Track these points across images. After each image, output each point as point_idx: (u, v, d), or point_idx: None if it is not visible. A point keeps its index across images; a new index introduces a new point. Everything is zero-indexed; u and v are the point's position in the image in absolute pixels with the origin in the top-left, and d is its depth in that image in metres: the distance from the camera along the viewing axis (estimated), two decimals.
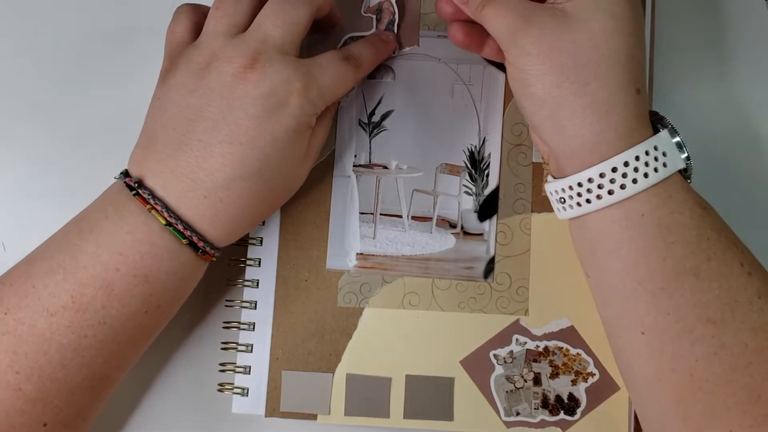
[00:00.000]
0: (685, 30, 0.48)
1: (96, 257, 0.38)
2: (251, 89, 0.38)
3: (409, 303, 0.45)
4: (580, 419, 0.44)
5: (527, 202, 0.45)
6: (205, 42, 0.40)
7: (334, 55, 0.41)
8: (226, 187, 0.38)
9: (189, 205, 0.39)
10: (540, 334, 0.44)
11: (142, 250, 0.38)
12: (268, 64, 0.38)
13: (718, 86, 0.48)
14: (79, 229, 0.39)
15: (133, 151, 0.40)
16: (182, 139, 0.38)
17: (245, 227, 0.41)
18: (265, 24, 0.39)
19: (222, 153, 0.38)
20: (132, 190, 0.38)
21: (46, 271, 0.38)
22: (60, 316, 0.37)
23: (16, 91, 0.48)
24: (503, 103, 0.45)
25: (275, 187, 0.40)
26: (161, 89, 0.40)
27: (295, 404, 0.44)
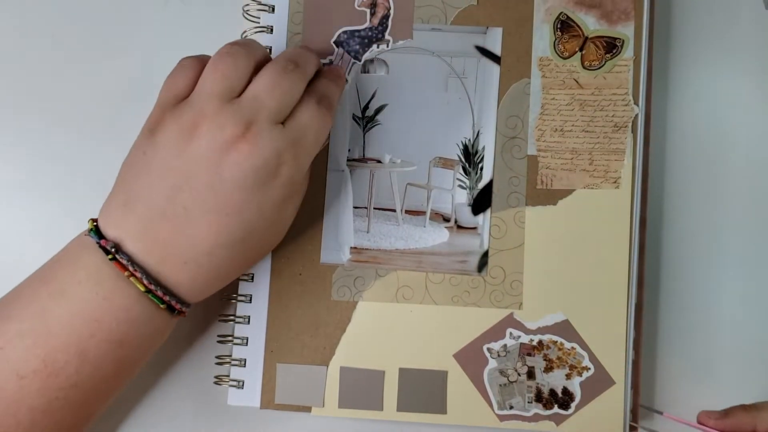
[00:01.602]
0: (685, 30, 0.47)
1: (69, 324, 0.37)
2: (242, 161, 0.37)
3: (402, 297, 0.45)
4: (575, 413, 0.43)
5: (521, 196, 0.45)
6: (198, 102, 0.38)
7: (309, 105, 0.40)
8: (207, 254, 0.38)
9: (168, 270, 0.38)
10: (534, 328, 0.44)
11: (118, 316, 0.38)
12: (260, 136, 0.38)
13: (717, 85, 0.47)
14: (48, 291, 0.38)
15: (109, 207, 0.39)
16: (167, 205, 0.38)
17: (220, 286, 0.41)
18: (261, 94, 0.38)
19: (207, 223, 0.38)
20: (108, 254, 0.38)
21: (16, 333, 0.37)
22: (30, 379, 0.37)
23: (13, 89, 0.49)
24: (497, 96, 0.45)
25: (255, 252, 0.41)
26: (147, 143, 0.39)
27: (290, 397, 0.44)
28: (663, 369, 0.46)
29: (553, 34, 0.45)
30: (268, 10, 0.46)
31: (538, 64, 0.45)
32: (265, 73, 0.39)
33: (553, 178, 0.45)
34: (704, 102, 0.47)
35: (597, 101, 0.45)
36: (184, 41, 0.48)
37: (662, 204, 0.47)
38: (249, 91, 0.38)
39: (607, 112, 0.44)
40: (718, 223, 0.46)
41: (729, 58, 0.47)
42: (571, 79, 0.45)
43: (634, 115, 0.44)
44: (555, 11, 0.45)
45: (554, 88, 0.45)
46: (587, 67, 0.45)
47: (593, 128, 0.45)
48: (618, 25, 0.45)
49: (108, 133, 0.48)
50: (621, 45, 0.45)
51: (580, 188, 0.44)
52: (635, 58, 0.44)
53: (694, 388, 0.46)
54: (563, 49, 0.45)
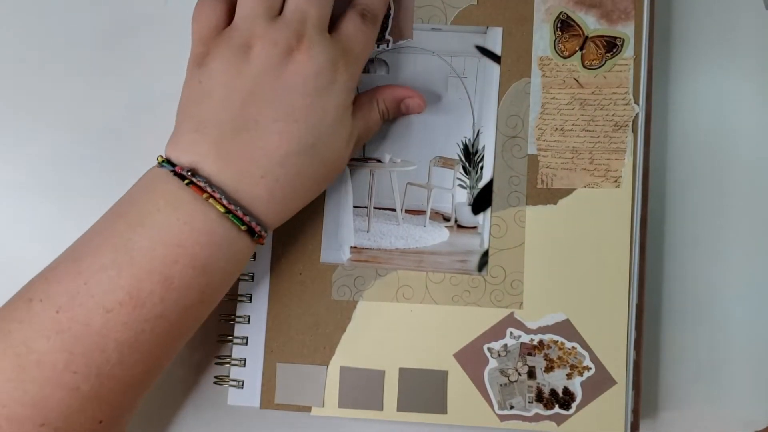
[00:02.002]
0: (685, 28, 0.47)
1: (151, 252, 0.37)
2: (301, 69, 0.39)
3: (402, 296, 0.45)
4: (575, 413, 0.43)
5: (522, 195, 0.45)
6: (245, 25, 0.40)
7: (354, 18, 0.42)
8: (281, 164, 0.39)
9: (246, 187, 0.39)
10: (535, 328, 0.44)
11: (200, 240, 0.38)
12: (312, 45, 0.39)
13: (718, 84, 0.47)
14: (127, 222, 0.38)
15: (177, 138, 0.40)
16: (237, 120, 0.39)
17: (296, 207, 0.41)
18: (301, 4, 0.40)
19: (278, 131, 0.39)
20: (184, 179, 0.38)
21: (98, 268, 0.37)
22: (116, 312, 0.36)
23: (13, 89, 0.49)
24: (498, 95, 0.45)
25: (325, 163, 0.41)
26: (201, 73, 0.40)
27: (290, 396, 0.44)
28: (665, 369, 0.46)
29: (554, 34, 0.45)
30: None
31: (538, 64, 0.45)
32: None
33: (554, 177, 0.44)
34: (705, 101, 0.47)
35: (597, 100, 0.45)
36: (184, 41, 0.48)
37: (663, 203, 0.46)
38: (288, 5, 0.40)
39: (608, 111, 0.44)
40: (720, 221, 0.46)
41: (729, 57, 0.47)
42: (572, 78, 0.45)
43: (634, 115, 0.44)
44: (555, 11, 0.45)
45: (554, 88, 0.45)
46: (587, 66, 0.45)
47: (594, 127, 0.44)
48: (618, 24, 0.45)
49: (108, 132, 0.48)
50: (621, 44, 0.45)
51: (580, 187, 0.44)
52: (635, 57, 0.44)
53: (696, 388, 0.45)
54: (563, 49, 0.45)
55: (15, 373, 0.36)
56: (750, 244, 0.46)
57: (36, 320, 0.36)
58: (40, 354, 0.36)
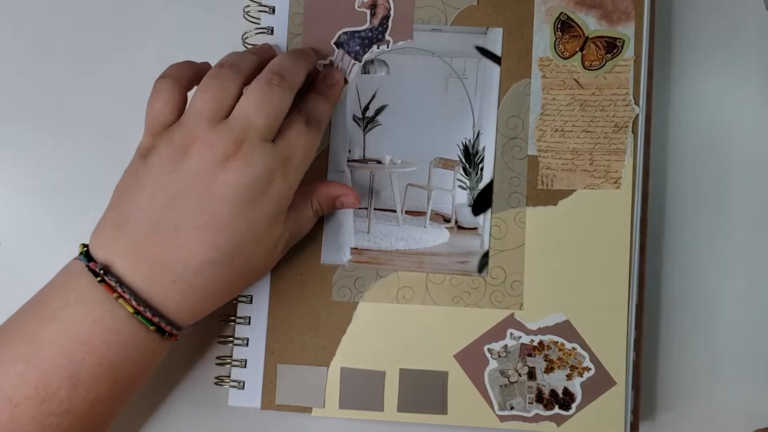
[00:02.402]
0: (686, 29, 0.47)
1: (59, 348, 0.37)
2: (233, 178, 0.38)
3: (403, 297, 0.45)
4: (575, 414, 0.43)
5: (522, 196, 0.45)
6: (189, 124, 0.39)
7: (299, 125, 0.41)
8: (196, 272, 0.38)
9: (158, 290, 0.38)
10: (535, 329, 0.44)
11: (108, 339, 0.37)
12: (250, 153, 0.38)
13: (718, 85, 0.47)
14: (39, 317, 0.38)
15: (100, 230, 0.39)
16: (157, 222, 0.38)
17: (211, 308, 0.41)
18: (249, 113, 0.39)
19: (197, 238, 0.38)
20: (97, 276, 0.38)
21: (8, 360, 0.37)
22: (23, 407, 0.36)
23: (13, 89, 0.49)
24: (498, 96, 0.45)
25: (245, 271, 0.40)
26: (140, 166, 0.39)
27: (291, 397, 0.44)
28: (664, 370, 0.46)
29: (554, 35, 0.45)
30: (269, 11, 0.46)
31: (538, 65, 0.45)
32: (252, 90, 0.40)
33: (554, 178, 0.44)
34: (705, 101, 0.47)
35: (597, 101, 0.45)
36: (185, 42, 0.48)
37: (663, 204, 0.47)
38: (237, 109, 0.39)
39: (608, 112, 0.44)
40: (720, 222, 0.46)
41: (730, 58, 0.47)
42: (572, 79, 0.45)
43: (634, 116, 0.44)
44: (555, 11, 0.45)
45: (555, 89, 0.45)
46: (588, 67, 0.45)
47: (594, 128, 0.44)
48: (618, 25, 0.45)
49: (108, 133, 0.48)
50: (621, 45, 0.45)
51: (580, 188, 0.44)
52: (636, 58, 0.44)
53: (695, 388, 0.46)
54: (563, 50, 0.45)
55: None
56: (749, 245, 0.46)
57: None
58: None
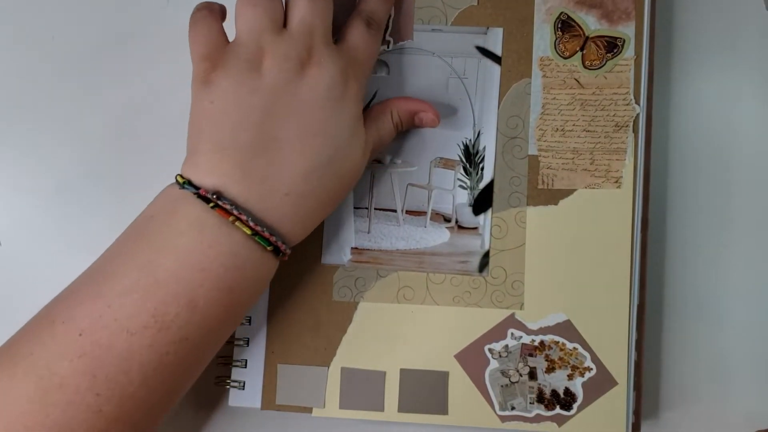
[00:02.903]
0: (686, 29, 0.47)
1: (177, 275, 0.37)
2: (314, 83, 0.39)
3: (403, 297, 0.45)
4: (577, 414, 0.43)
5: (522, 196, 0.45)
6: (251, 39, 0.39)
7: (360, 27, 0.42)
8: (305, 180, 0.39)
9: (273, 207, 0.38)
10: (536, 329, 0.44)
11: (225, 262, 0.37)
12: (322, 58, 0.39)
13: (719, 84, 0.47)
14: (149, 245, 0.37)
15: (195, 160, 0.39)
16: (257, 140, 0.38)
17: (318, 221, 0.42)
18: (307, 17, 0.39)
19: (298, 147, 0.39)
20: (209, 202, 0.37)
21: (122, 290, 0.36)
22: (141, 335, 0.36)
23: (13, 89, 0.49)
24: (498, 96, 0.45)
25: (344, 175, 0.41)
26: (211, 92, 0.39)
27: (291, 397, 0.44)
28: (666, 370, 0.46)
29: (554, 34, 0.45)
30: None
31: (538, 64, 0.45)
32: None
33: (554, 178, 0.44)
34: (706, 101, 0.47)
35: (598, 101, 0.44)
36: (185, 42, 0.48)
37: (664, 203, 0.46)
38: (293, 18, 0.40)
39: (608, 111, 0.44)
40: (721, 222, 0.46)
41: (730, 57, 0.47)
42: (572, 78, 0.45)
43: (635, 115, 0.44)
44: (555, 11, 0.45)
45: (555, 88, 0.45)
46: (588, 66, 0.45)
47: (594, 128, 0.44)
48: (619, 24, 0.45)
49: (108, 133, 0.48)
50: (622, 44, 0.45)
51: (581, 188, 0.44)
52: (636, 57, 0.44)
53: (697, 388, 0.45)
54: (564, 49, 0.45)
55: (37, 396, 0.35)
56: (751, 244, 0.46)
57: (58, 343, 0.36)
58: (62, 377, 0.35)
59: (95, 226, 0.47)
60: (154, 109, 0.48)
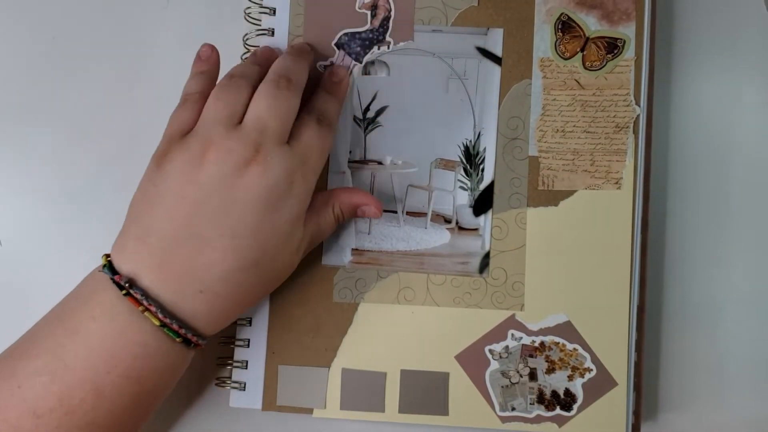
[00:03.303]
0: (686, 30, 0.47)
1: (85, 360, 0.37)
2: (255, 183, 0.38)
3: (404, 298, 0.45)
4: (577, 415, 0.43)
5: (523, 197, 0.45)
6: (204, 131, 0.39)
7: (311, 125, 0.41)
8: (223, 280, 0.38)
9: (184, 302, 0.38)
10: (536, 329, 0.44)
11: (134, 351, 0.37)
12: (270, 156, 0.38)
13: (719, 85, 0.47)
14: (64, 328, 0.38)
15: (122, 242, 0.39)
16: (181, 233, 0.38)
17: (236, 315, 0.41)
18: (263, 116, 0.39)
19: (222, 247, 0.38)
20: (122, 289, 0.37)
21: (32, 371, 0.37)
22: (47, 418, 0.36)
23: (12, 89, 0.49)
24: (498, 97, 0.45)
25: (269, 276, 0.40)
26: (157, 175, 0.39)
27: (292, 398, 0.44)
28: (666, 371, 0.46)
29: (554, 35, 0.45)
30: (270, 12, 0.46)
31: (539, 65, 0.45)
32: (261, 95, 0.40)
33: (555, 179, 0.44)
34: (706, 102, 0.47)
35: (598, 102, 0.44)
36: (186, 43, 0.48)
37: (664, 205, 0.46)
38: (250, 114, 0.39)
39: (609, 112, 0.44)
40: (721, 223, 0.46)
41: (731, 58, 0.47)
42: (572, 79, 0.45)
43: (635, 116, 0.44)
44: (556, 12, 0.45)
45: (555, 89, 0.45)
46: (588, 67, 0.45)
47: (594, 129, 0.44)
48: (619, 25, 0.45)
49: (108, 133, 0.48)
50: (622, 45, 0.45)
51: (581, 189, 0.44)
52: (636, 58, 0.44)
53: (697, 389, 0.45)
54: (564, 50, 0.45)
55: None
56: (751, 246, 0.46)
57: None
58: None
59: (95, 227, 0.47)
60: (155, 110, 0.48)
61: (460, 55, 0.45)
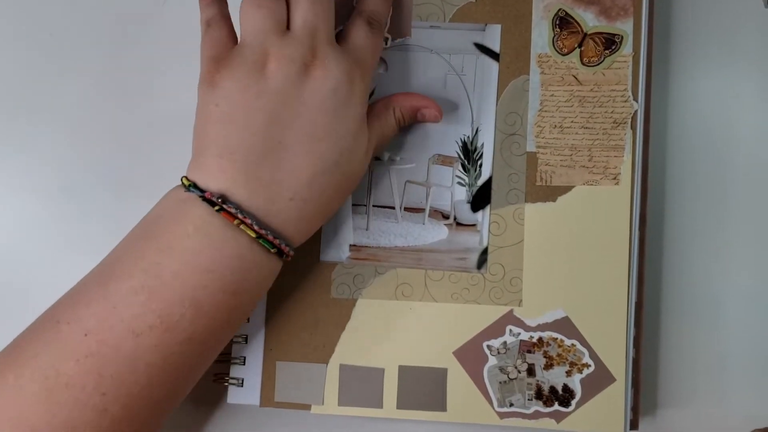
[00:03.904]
0: (684, 25, 0.47)
1: (182, 277, 0.37)
2: (319, 86, 0.39)
3: (402, 294, 0.45)
4: (575, 410, 0.43)
5: (521, 193, 0.45)
6: (256, 41, 0.39)
7: (363, 26, 0.42)
8: (309, 184, 0.39)
9: (276, 211, 0.39)
10: (534, 325, 0.44)
11: (231, 265, 0.38)
12: (327, 60, 0.39)
13: (717, 81, 0.47)
14: (156, 246, 0.37)
15: (201, 163, 0.39)
16: (262, 144, 0.38)
17: (322, 221, 0.42)
18: (310, 18, 0.39)
19: (304, 152, 0.39)
20: (214, 205, 0.38)
21: (127, 291, 0.37)
22: (146, 336, 0.36)
23: (12, 89, 0.49)
24: (496, 92, 0.45)
25: (348, 177, 0.41)
26: (216, 95, 0.39)
27: (290, 395, 0.44)
28: (664, 366, 0.46)
29: (552, 31, 0.45)
30: None
31: (536, 61, 0.45)
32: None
33: (553, 174, 0.44)
34: (704, 98, 0.47)
35: (596, 97, 0.44)
36: (183, 40, 0.48)
37: (662, 200, 0.46)
38: (296, 19, 0.39)
39: (607, 108, 0.44)
40: (719, 219, 0.46)
41: (728, 54, 0.47)
42: (570, 75, 0.45)
43: (633, 112, 0.44)
44: (553, 7, 0.45)
45: (553, 85, 0.45)
46: (586, 63, 0.45)
47: (592, 125, 0.44)
48: (617, 21, 0.45)
49: (106, 132, 0.48)
50: (620, 41, 0.45)
51: (579, 185, 0.44)
52: (634, 54, 0.44)
53: (695, 385, 0.45)
54: (562, 46, 0.45)
55: (44, 396, 0.35)
56: (749, 241, 0.46)
57: (64, 343, 0.36)
58: (68, 376, 0.36)
59: (96, 227, 0.47)
60: (154, 109, 0.48)
61: (457, 51, 0.45)
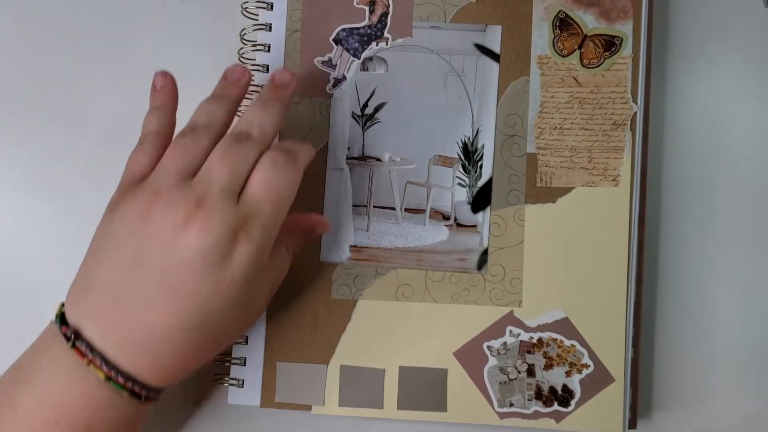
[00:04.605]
0: (684, 27, 0.48)
1: (34, 411, 0.36)
2: (192, 243, 0.36)
3: (402, 295, 0.45)
4: (574, 410, 0.44)
5: (521, 194, 0.45)
6: (155, 182, 0.37)
7: (263, 168, 0.37)
8: (162, 339, 0.36)
9: (128, 355, 0.37)
10: (534, 326, 0.44)
11: (81, 403, 0.36)
12: (210, 212, 0.36)
13: (716, 83, 0.47)
14: (15, 380, 0.37)
15: (74, 288, 0.38)
16: (120, 287, 0.36)
17: (190, 370, 0.39)
18: (212, 167, 0.37)
19: (161, 306, 0.36)
20: (68, 340, 0.36)
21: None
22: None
23: (11, 88, 0.49)
24: (497, 94, 0.45)
25: (223, 334, 0.39)
26: (107, 219, 0.38)
27: (290, 395, 0.44)
28: (662, 366, 0.46)
29: (552, 32, 0.45)
30: (267, 7, 0.46)
31: (537, 62, 0.45)
32: (218, 147, 0.38)
33: (553, 176, 0.45)
34: (703, 99, 0.47)
35: (596, 99, 0.45)
36: (183, 40, 0.48)
37: (661, 201, 0.47)
38: (204, 166, 0.38)
39: (606, 110, 0.45)
40: (717, 220, 0.47)
41: (727, 56, 0.47)
42: (570, 77, 0.45)
43: (632, 113, 0.44)
44: (554, 9, 0.45)
45: (553, 86, 0.45)
46: (586, 65, 0.45)
47: (592, 126, 0.45)
48: (617, 23, 0.45)
49: (105, 132, 0.48)
50: (620, 43, 0.45)
51: (579, 186, 0.44)
52: (634, 56, 0.45)
53: (692, 386, 0.46)
54: (562, 47, 0.45)
55: None
56: (746, 243, 0.46)
57: None
58: None
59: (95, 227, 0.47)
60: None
61: (458, 51, 0.45)
